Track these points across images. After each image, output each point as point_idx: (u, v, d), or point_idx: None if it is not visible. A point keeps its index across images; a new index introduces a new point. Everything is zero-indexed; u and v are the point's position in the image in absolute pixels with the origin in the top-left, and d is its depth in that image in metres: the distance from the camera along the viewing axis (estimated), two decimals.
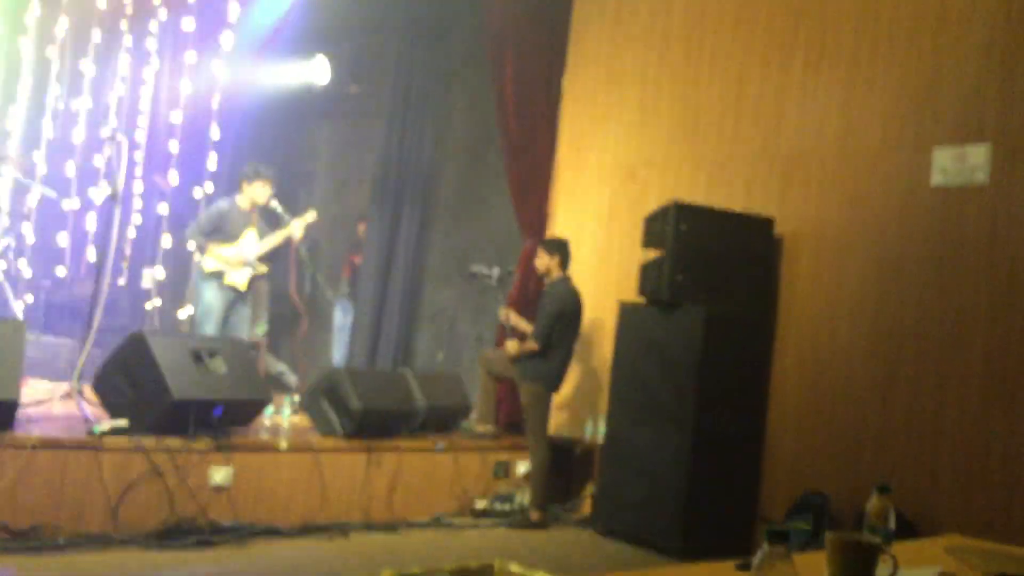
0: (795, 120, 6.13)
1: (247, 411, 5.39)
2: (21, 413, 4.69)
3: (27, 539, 4.25)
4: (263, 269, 6.54)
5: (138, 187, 7.85)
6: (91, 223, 7.57)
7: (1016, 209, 5.11)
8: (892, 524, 2.31)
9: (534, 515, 6.02)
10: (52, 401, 5.39)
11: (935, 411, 5.26)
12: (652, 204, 6.36)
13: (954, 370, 5.22)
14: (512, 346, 6.29)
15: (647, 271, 6.00)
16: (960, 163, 5.32)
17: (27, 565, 4.04)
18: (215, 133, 7.98)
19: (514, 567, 1.75)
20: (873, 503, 2.32)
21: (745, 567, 2.08)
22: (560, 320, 6.14)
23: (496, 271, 6.65)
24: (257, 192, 6.46)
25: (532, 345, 6.14)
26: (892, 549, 2.28)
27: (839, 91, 5.92)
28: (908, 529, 4.86)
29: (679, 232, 5.76)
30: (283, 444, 5.27)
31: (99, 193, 7.32)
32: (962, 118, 5.35)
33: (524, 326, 6.42)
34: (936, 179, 5.42)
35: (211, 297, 6.42)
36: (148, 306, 7.51)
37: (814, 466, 5.69)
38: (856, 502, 5.17)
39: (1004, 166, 5.16)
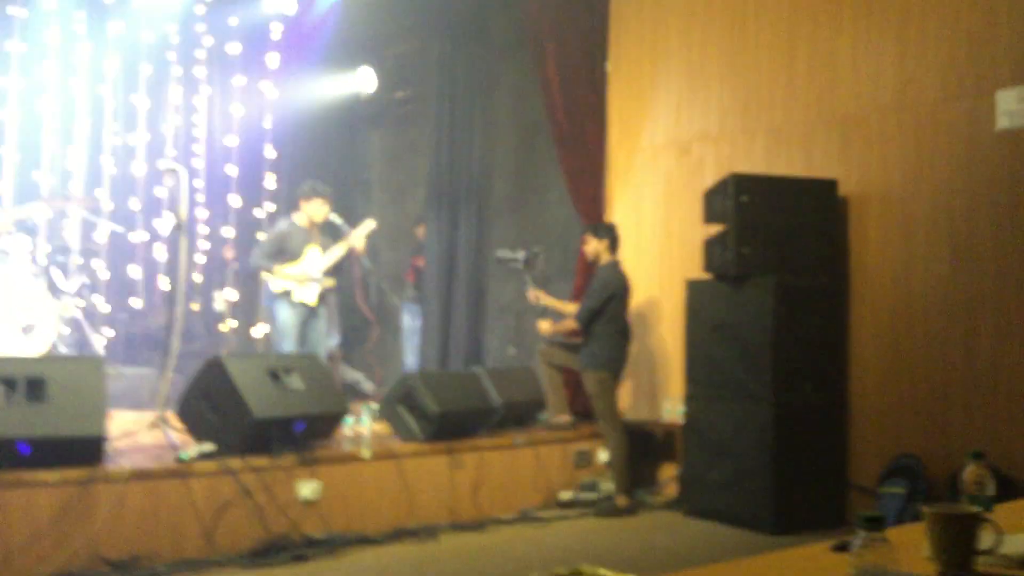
0: (850, 77, 5.98)
1: (327, 424, 5.46)
2: (110, 446, 4.81)
3: (127, 570, 4.35)
4: (330, 283, 6.61)
5: (201, 213, 7.99)
6: (160, 253, 7.74)
7: None
8: (990, 490, 2.24)
9: (620, 501, 6.00)
10: (139, 432, 5.51)
11: (1022, 363, 5.10)
12: (710, 178, 6.28)
13: None
14: (545, 326, 6.35)
15: (711, 247, 5.93)
16: None
17: None
18: (270, 152, 8.09)
19: (602, 571, 1.73)
20: (969, 471, 2.26)
21: (841, 548, 2.04)
22: (609, 303, 6.11)
23: (522, 254, 6.65)
24: (315, 209, 6.54)
25: (571, 324, 6.16)
26: (993, 515, 2.22)
27: (892, 43, 5.77)
28: (1008, 487, 4.72)
29: (740, 204, 5.67)
30: (366, 453, 5.32)
31: (164, 223, 7.47)
32: (1022, 57, 5.17)
33: (558, 306, 6.44)
34: (1001, 123, 5.25)
35: (284, 316, 6.51)
36: (223, 328, 7.65)
37: (903, 429, 5.56)
38: (949, 462, 5.04)
39: None
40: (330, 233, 6.72)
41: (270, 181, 8.09)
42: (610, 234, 6.28)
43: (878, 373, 5.73)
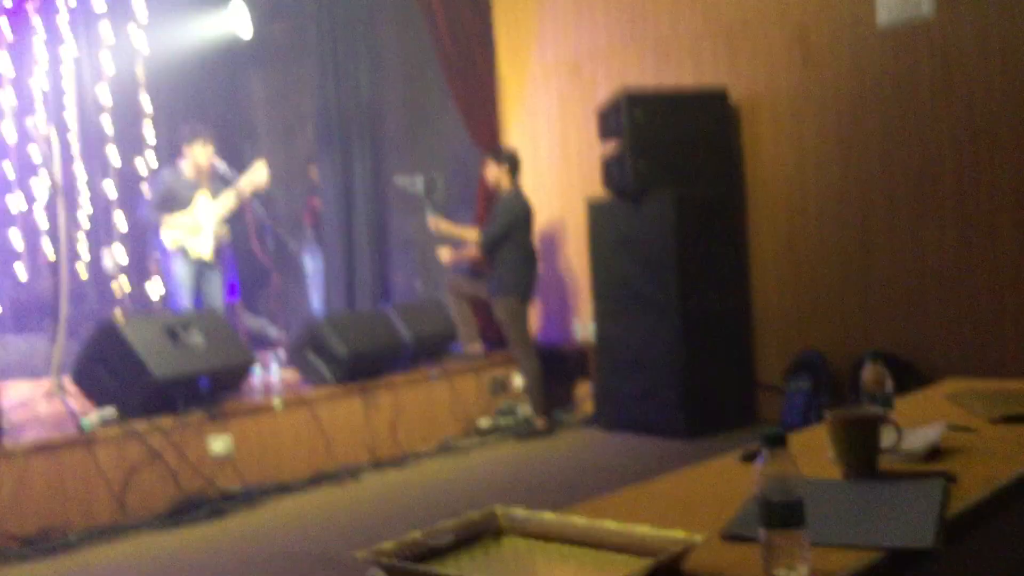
0: None
1: (234, 377, 5.33)
2: (5, 420, 4.61)
3: (38, 544, 4.21)
4: (227, 235, 6.39)
5: (80, 172, 7.61)
6: (40, 217, 7.37)
7: (965, 40, 5.01)
8: (889, 388, 2.29)
9: (538, 423, 6.05)
10: (35, 402, 5.31)
11: (915, 254, 5.25)
12: (603, 94, 6.23)
13: (928, 210, 5.20)
14: (447, 254, 6.35)
15: (609, 165, 5.92)
16: None
17: (42, 570, 4.01)
18: (147, 104, 7.74)
19: (518, 511, 1.71)
20: (868, 371, 2.30)
21: (749, 458, 2.05)
22: (512, 229, 6.08)
23: (420, 179, 6.55)
24: (198, 153, 6.26)
25: (473, 252, 6.14)
26: (894, 409, 2.27)
27: None
28: (906, 371, 4.90)
29: (634, 121, 5.66)
30: (277, 404, 5.22)
31: (40, 186, 7.11)
32: None
33: (459, 233, 6.38)
34: (881, 17, 5.30)
35: (180, 272, 6.28)
36: (115, 288, 7.37)
37: (805, 327, 5.70)
38: (850, 354, 5.19)
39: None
40: (220, 181, 6.47)
41: (149, 133, 7.74)
42: (510, 160, 6.21)
43: (778, 276, 5.84)
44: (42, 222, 7.34)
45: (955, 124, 5.06)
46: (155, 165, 7.58)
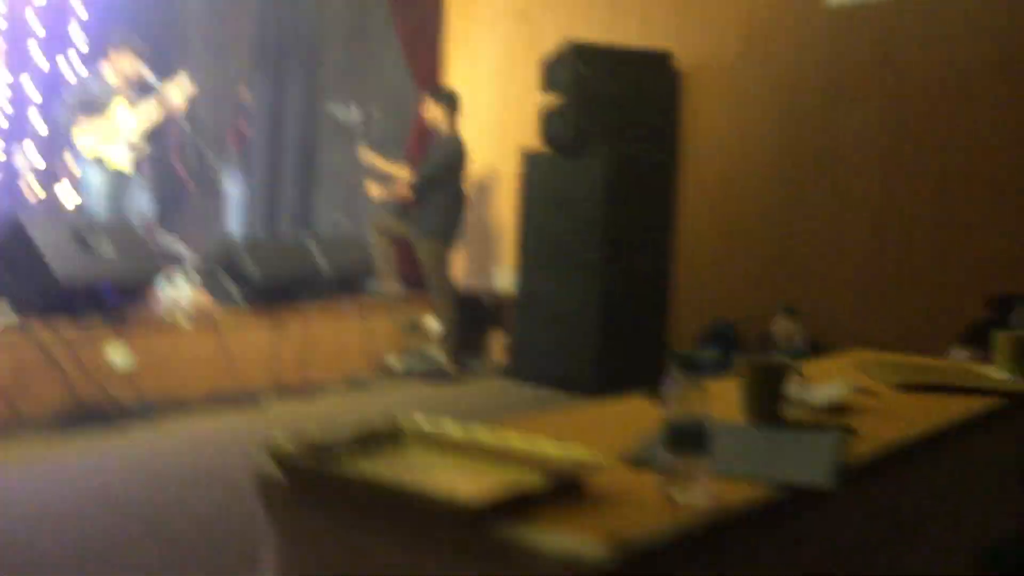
0: None
1: (139, 288, 5.17)
2: None
3: None
4: (146, 149, 6.17)
5: (3, 71, 7.25)
6: None
7: (909, 25, 5.08)
8: (799, 343, 2.31)
9: (448, 368, 6.02)
10: None
11: (837, 232, 5.35)
12: (548, 45, 6.16)
13: (853, 191, 5.29)
14: (376, 189, 6.24)
15: (549, 119, 5.86)
16: None
17: None
18: (79, 6, 7.41)
19: (420, 420, 1.68)
20: (779, 324, 2.32)
21: (654, 395, 2.05)
22: (446, 172, 6.02)
23: (355, 111, 6.43)
24: (123, 61, 6.02)
25: (403, 190, 6.05)
26: (802, 367, 2.30)
27: None
28: (819, 348, 5.00)
29: (579, 76, 5.61)
30: (183, 320, 5.09)
31: None
32: None
33: (391, 169, 6.29)
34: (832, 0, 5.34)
35: (97, 182, 6.04)
36: (25, 190, 7.08)
37: (723, 297, 5.77)
38: (765, 327, 5.27)
39: None
40: (144, 91, 6.23)
41: (79, 37, 7.42)
42: (450, 101, 6.12)
43: (704, 245, 5.89)
44: None
45: (891, 107, 5.15)
46: (82, 70, 7.26)
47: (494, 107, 6.92)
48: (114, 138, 5.98)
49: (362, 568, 1.39)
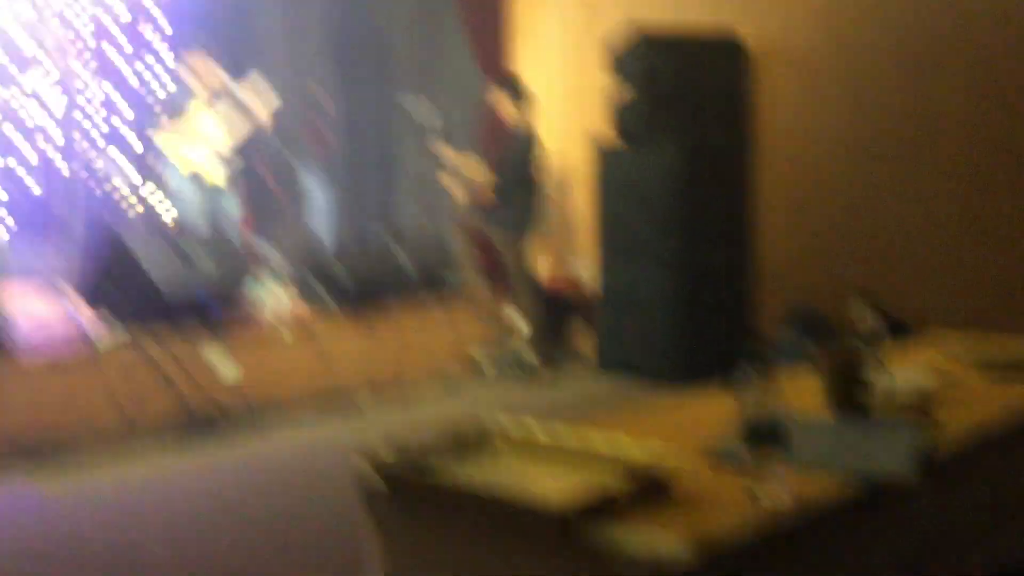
0: None
1: (237, 298, 5.38)
2: (20, 332, 4.67)
3: (45, 455, 4.30)
4: (235, 164, 6.40)
5: (83, 72, 7.54)
6: (55, 131, 7.34)
7: (992, 2, 4.97)
8: (880, 328, 2.33)
9: (535, 362, 6.10)
10: (48, 314, 5.36)
11: (922, 212, 5.25)
12: (612, 27, 6.14)
13: (934, 169, 5.20)
14: (455, 188, 6.30)
15: (620, 113, 5.88)
16: None
17: (49, 480, 4.11)
18: (162, 20, 7.68)
19: (506, 423, 1.77)
20: (855, 308, 2.34)
21: (732, 387, 2.10)
22: (522, 168, 6.09)
23: (427, 105, 6.51)
24: (207, 70, 6.24)
25: (486, 195, 6.13)
26: (882, 352, 2.31)
27: None
28: (899, 328, 4.94)
29: (648, 67, 5.62)
30: (280, 326, 5.29)
31: (56, 98, 7.09)
32: None
33: (462, 165, 6.35)
34: None
35: (192, 195, 6.30)
36: (125, 207, 7.38)
37: (803, 282, 5.71)
38: (846, 310, 5.22)
39: None
40: (219, 94, 6.42)
41: (164, 51, 7.69)
42: (518, 91, 6.18)
43: (782, 230, 5.85)
44: (57, 136, 7.32)
45: (968, 83, 5.03)
46: (166, 80, 7.52)
47: (562, 94, 6.93)
48: (197, 142, 6.20)
49: (461, 571, 1.48)
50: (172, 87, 6.28)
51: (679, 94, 5.68)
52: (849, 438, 1.77)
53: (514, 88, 6.21)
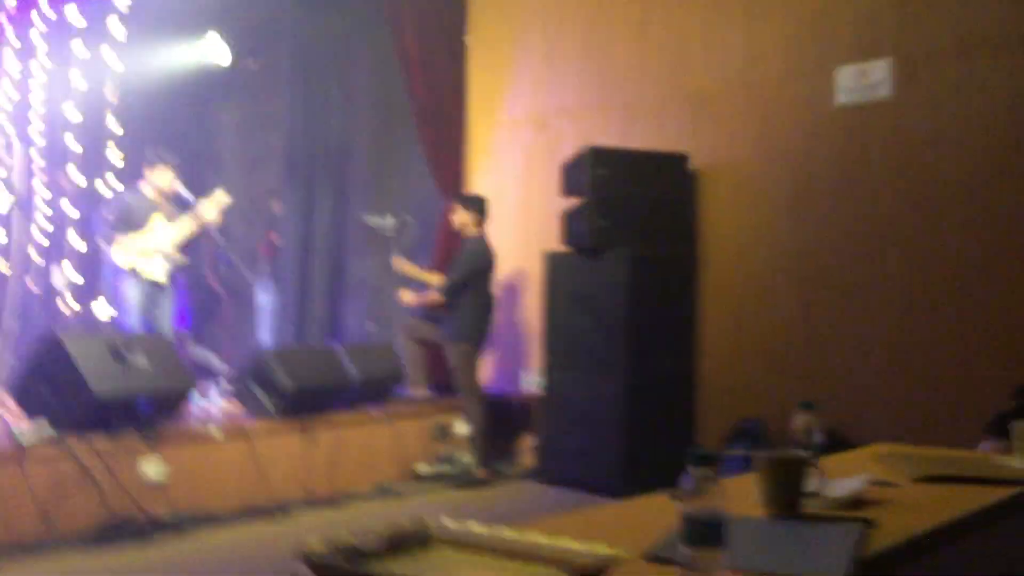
0: (699, 55, 6.15)
1: (174, 402, 5.28)
2: None
3: None
4: (182, 260, 6.36)
5: (41, 190, 7.53)
6: None
7: (919, 120, 5.21)
8: (818, 438, 2.34)
9: (478, 473, 6.03)
10: None
11: (859, 326, 5.38)
12: (567, 151, 6.34)
13: (873, 284, 5.34)
14: (408, 296, 6.35)
15: (569, 220, 6.00)
16: (862, 80, 5.39)
17: None
18: (114, 125, 7.72)
19: (447, 522, 1.73)
20: (797, 420, 2.36)
21: (676, 493, 2.09)
22: (475, 276, 6.15)
23: (390, 220, 6.60)
24: (160, 178, 6.27)
25: (434, 296, 6.17)
26: (821, 461, 2.32)
27: (739, 21, 5.96)
28: (840, 444, 4.97)
29: (597, 177, 5.76)
30: (215, 432, 5.17)
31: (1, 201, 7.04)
32: (861, 36, 5.42)
33: (422, 276, 6.42)
34: (840, 98, 5.49)
35: (131, 293, 6.22)
36: (62, 307, 7.27)
37: (747, 395, 5.78)
38: (788, 422, 5.26)
39: (904, 79, 5.25)
40: (180, 206, 6.46)
41: (115, 156, 7.72)
42: (478, 207, 6.30)
43: (726, 342, 5.93)
44: None
45: (904, 201, 5.23)
46: (118, 187, 7.53)
47: (517, 211, 7.08)
48: (151, 253, 6.17)
49: None
50: (128, 197, 6.27)
51: (626, 204, 5.81)
52: (786, 539, 1.76)
53: (471, 201, 6.32)
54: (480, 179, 7.32)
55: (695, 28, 6.18)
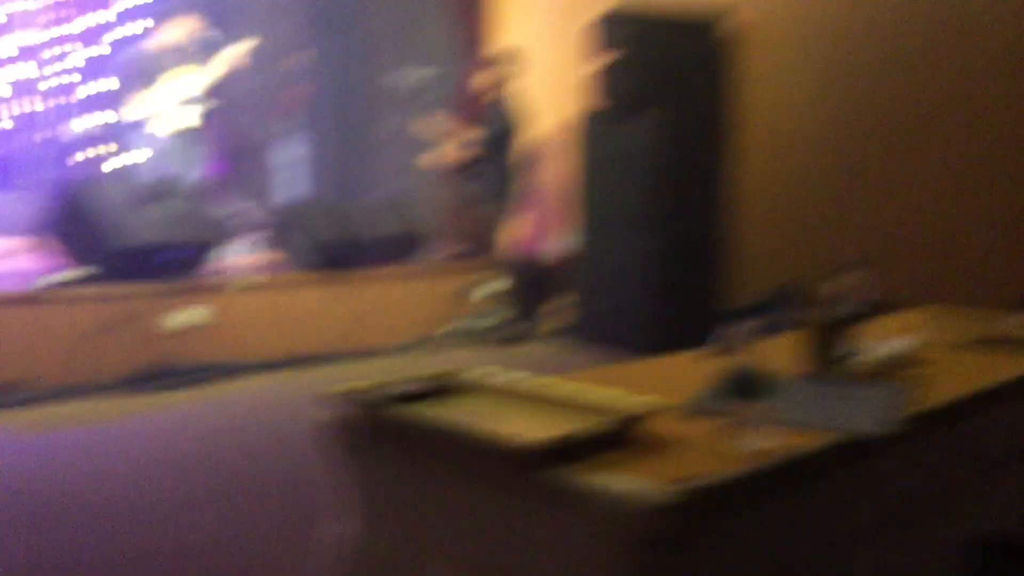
0: None
1: (203, 250, 5.27)
2: None
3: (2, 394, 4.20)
4: (201, 111, 6.26)
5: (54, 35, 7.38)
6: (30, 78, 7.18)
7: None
8: (870, 297, 2.28)
9: (513, 330, 6.07)
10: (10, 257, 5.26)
11: (900, 196, 5.26)
12: (600, 8, 6.10)
13: (915, 152, 5.19)
14: (432, 158, 6.28)
15: (602, 80, 5.85)
16: None
17: (5, 418, 4.01)
18: None
19: (485, 371, 1.71)
20: (852, 277, 2.29)
21: (714, 347, 2.05)
22: (500, 140, 6.07)
23: (413, 74, 6.46)
24: (185, 25, 6.13)
25: (471, 154, 6.08)
26: (871, 321, 2.27)
27: None
28: (891, 305, 4.94)
29: (631, 39, 5.58)
30: (242, 282, 5.18)
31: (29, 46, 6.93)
32: None
33: (446, 130, 6.31)
34: None
35: (157, 143, 6.17)
36: (91, 153, 7.23)
37: (788, 257, 5.70)
38: (831, 284, 5.20)
39: None
40: (206, 51, 6.32)
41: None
42: (509, 66, 6.16)
43: (765, 202, 5.83)
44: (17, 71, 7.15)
45: (952, 70, 5.03)
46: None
47: (547, 68, 6.88)
48: (170, 92, 6.07)
49: (431, 507, 1.42)
50: (143, 48, 6.14)
51: (660, 65, 5.64)
52: (828, 396, 1.74)
53: (505, 61, 6.19)
54: (509, 32, 7.10)
55: None
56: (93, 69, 7.44)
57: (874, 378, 1.88)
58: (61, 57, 7.40)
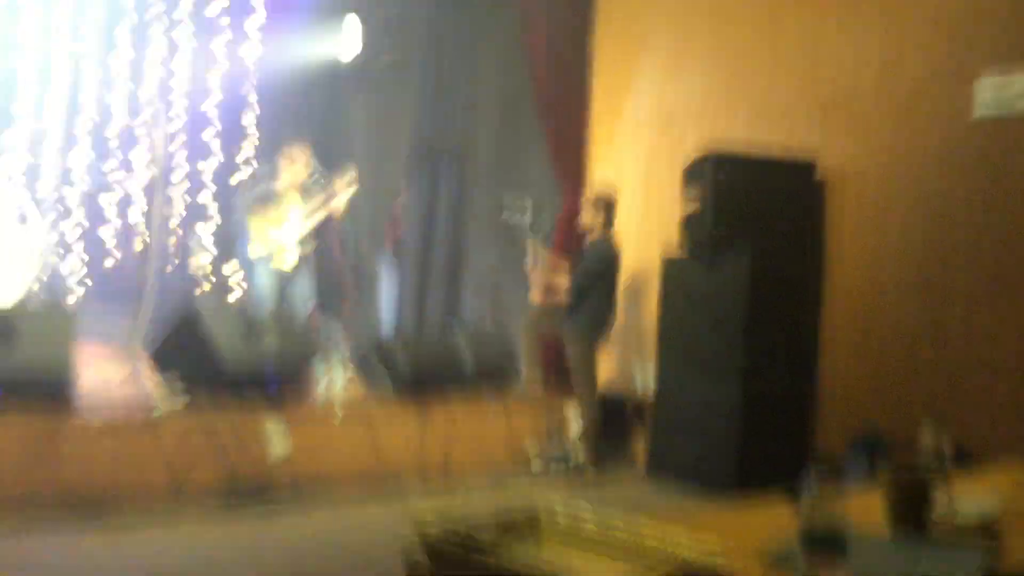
0: (833, 56, 6.00)
1: (298, 376, 5.48)
2: (87, 394, 4.79)
3: (94, 513, 4.36)
4: (309, 248, 6.59)
5: (177, 177, 7.85)
6: (133, 214, 7.62)
7: None
8: (948, 455, 2.29)
9: (588, 471, 6.05)
10: (113, 378, 5.50)
11: (990, 347, 5.17)
12: (691, 151, 6.29)
13: (1007, 303, 5.14)
14: (537, 294, 6.38)
15: (688, 224, 5.94)
16: (1004, 90, 5.19)
17: (95, 537, 4.15)
18: (249, 115, 8.01)
19: (558, 507, 1.77)
20: (926, 436, 2.31)
21: (794, 497, 2.08)
22: (601, 278, 6.16)
23: (526, 207, 6.62)
24: (300, 157, 6.51)
25: (561, 297, 6.17)
26: (951, 480, 2.27)
27: (876, 24, 5.80)
28: (966, 459, 4.82)
29: (718, 182, 5.68)
30: (337, 410, 5.34)
31: (140, 165, 7.39)
32: (1005, 45, 5.21)
33: (551, 260, 6.42)
34: (979, 111, 5.28)
35: (262, 280, 6.50)
36: (199, 275, 7.59)
37: (869, 410, 5.63)
38: (913, 435, 5.11)
39: None
40: (313, 191, 6.68)
41: (249, 144, 8.01)
42: (608, 208, 6.28)
43: (848, 354, 5.79)
44: (140, 202, 7.59)
45: None
46: (252, 162, 7.81)
47: (636, 211, 7.03)
48: (284, 230, 6.40)
49: None
50: (265, 174, 6.54)
51: (747, 210, 5.71)
52: (909, 556, 1.74)
53: (603, 202, 6.30)
54: (601, 174, 7.31)
55: (829, 29, 6.03)
56: (201, 187, 7.86)
57: (954, 544, 1.88)
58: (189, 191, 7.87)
